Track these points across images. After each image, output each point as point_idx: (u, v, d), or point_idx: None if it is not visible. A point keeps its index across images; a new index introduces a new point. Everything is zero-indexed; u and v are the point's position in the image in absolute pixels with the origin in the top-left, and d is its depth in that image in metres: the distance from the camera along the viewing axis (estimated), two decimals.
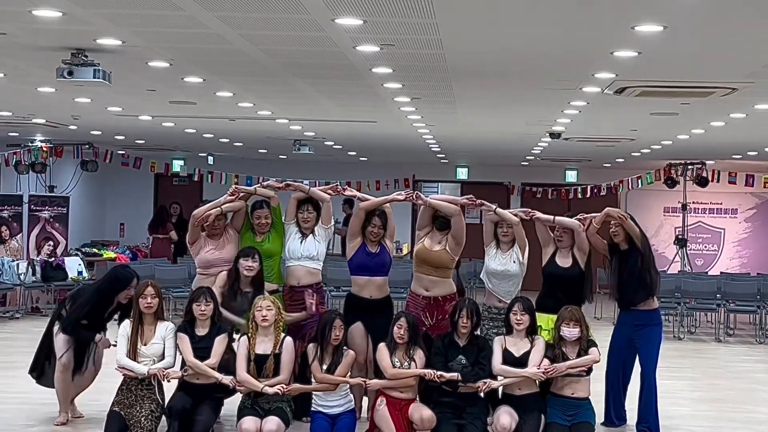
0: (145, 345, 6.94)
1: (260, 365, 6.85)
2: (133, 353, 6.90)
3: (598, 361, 6.92)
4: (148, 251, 17.45)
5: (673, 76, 8.00)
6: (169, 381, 6.90)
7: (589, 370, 6.96)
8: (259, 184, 7.70)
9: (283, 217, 7.60)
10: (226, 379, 6.79)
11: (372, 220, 7.51)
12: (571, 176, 20.89)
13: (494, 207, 7.43)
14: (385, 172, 20.18)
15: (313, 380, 6.98)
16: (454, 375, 6.72)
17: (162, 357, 6.95)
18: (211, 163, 19.99)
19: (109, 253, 16.99)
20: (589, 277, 7.48)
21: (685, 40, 6.48)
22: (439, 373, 6.72)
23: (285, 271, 7.53)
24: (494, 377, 6.92)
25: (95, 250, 17.10)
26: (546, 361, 6.83)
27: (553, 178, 20.92)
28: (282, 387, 6.73)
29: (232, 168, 19.18)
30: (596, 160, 18.51)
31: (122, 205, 21.36)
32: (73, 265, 15.25)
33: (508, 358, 6.83)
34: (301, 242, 7.47)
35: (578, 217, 7.55)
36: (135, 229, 19.76)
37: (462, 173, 21.19)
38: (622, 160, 18.15)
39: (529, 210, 7.50)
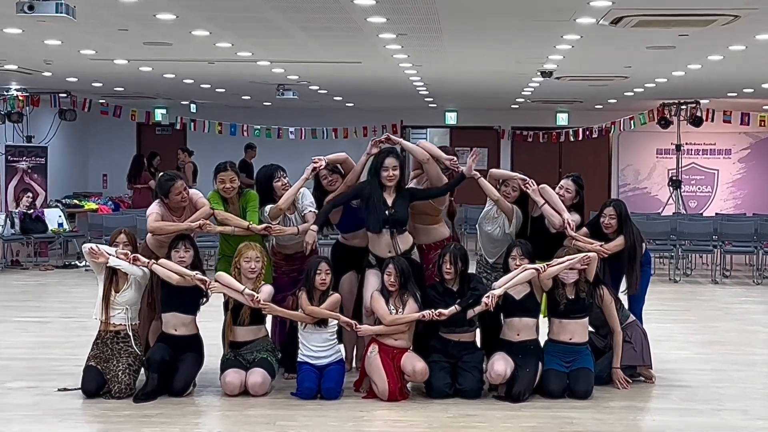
0: (117, 293, 6.71)
1: (237, 312, 6.69)
2: (105, 303, 6.68)
3: (588, 259, 6.69)
4: (131, 202, 17.13)
5: (673, 3, 7.64)
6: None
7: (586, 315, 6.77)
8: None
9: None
10: (198, 277, 6.59)
11: (324, 176, 7.19)
12: (562, 119, 20.77)
13: (477, 176, 7.05)
14: (372, 118, 19.99)
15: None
16: (453, 309, 6.54)
17: (135, 304, 6.77)
18: (194, 111, 19.71)
19: (90, 205, 16.75)
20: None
21: None
22: (437, 311, 6.54)
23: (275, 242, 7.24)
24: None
25: (76, 202, 16.80)
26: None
27: (544, 121, 20.78)
28: (256, 298, 6.54)
29: (215, 116, 18.94)
30: (588, 101, 18.33)
31: (104, 155, 21.20)
32: (54, 217, 15.03)
33: (510, 302, 6.68)
34: (289, 222, 7.10)
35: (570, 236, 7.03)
36: (118, 180, 19.55)
37: (451, 118, 21.05)
38: (615, 100, 17.97)
39: (527, 179, 7.08)
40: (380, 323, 6.69)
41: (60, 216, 15.13)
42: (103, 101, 17.59)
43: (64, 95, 16.34)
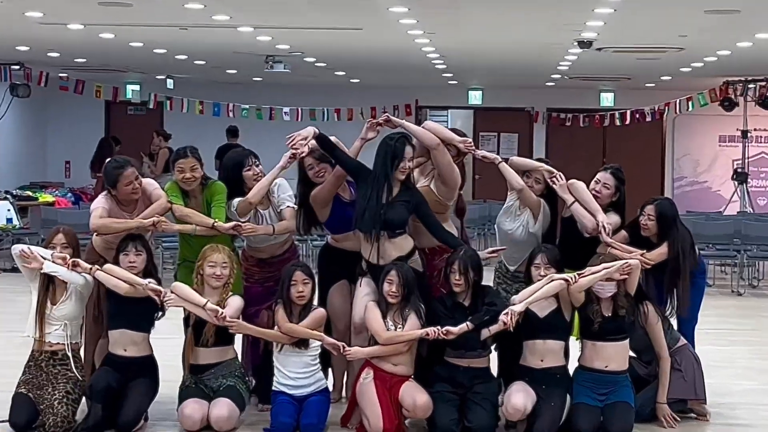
0: (54, 305, 6.57)
1: (200, 329, 6.53)
2: (40, 318, 6.55)
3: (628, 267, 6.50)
4: (94, 193, 17.01)
5: None
6: None
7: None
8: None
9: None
10: (150, 286, 6.45)
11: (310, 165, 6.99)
12: (607, 99, 20.76)
13: (498, 160, 6.96)
14: (381, 97, 19.99)
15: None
16: (463, 326, 6.40)
17: (75, 319, 6.62)
18: (171, 87, 19.72)
19: (46, 197, 16.65)
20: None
21: None
22: (444, 328, 6.39)
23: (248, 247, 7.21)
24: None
25: (29, 194, 16.66)
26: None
27: (586, 101, 20.81)
28: (222, 315, 6.38)
29: (195, 93, 18.95)
30: (637, 78, 18.26)
31: (67, 139, 21.25)
32: (1, 212, 14.83)
33: (532, 320, 6.52)
34: (262, 220, 7.00)
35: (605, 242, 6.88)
36: (83, 168, 19.54)
37: (475, 97, 21.07)
38: (669, 77, 17.87)
39: (554, 171, 6.97)
40: (374, 342, 6.53)
41: (9, 210, 14.98)
42: (64, 75, 17.54)
43: (16, 67, 16.30)
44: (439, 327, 6.40)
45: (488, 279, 6.88)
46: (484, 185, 18.77)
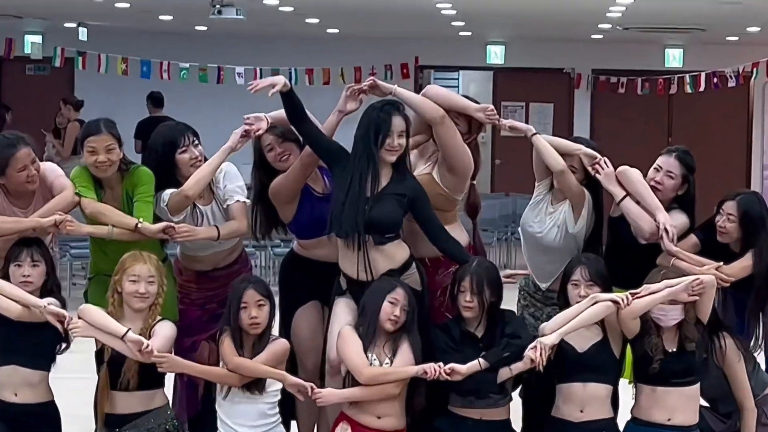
0: None
1: (117, 367, 6.53)
2: None
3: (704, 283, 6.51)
4: None
5: None
6: None
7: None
8: None
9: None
10: (50, 309, 6.47)
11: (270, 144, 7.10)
12: (674, 58, 21.03)
13: (531, 131, 7.07)
14: (368, 54, 20.35)
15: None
16: (475, 364, 6.46)
17: None
18: (84, 39, 19.83)
19: None
20: None
21: None
22: (449, 366, 6.43)
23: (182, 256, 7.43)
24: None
25: None
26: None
27: (645, 61, 21.12)
28: (147, 348, 6.36)
29: (117, 47, 19.05)
30: (714, 29, 18.47)
31: None
32: None
33: (569, 356, 6.59)
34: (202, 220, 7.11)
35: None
36: None
37: (496, 55, 21.42)
38: (757, 29, 18.05)
39: (597, 156, 7.07)
40: (354, 383, 6.58)
41: None
42: None
43: None
44: (441, 364, 6.45)
45: (510, 301, 6.95)
46: (506, 173, 18.90)
